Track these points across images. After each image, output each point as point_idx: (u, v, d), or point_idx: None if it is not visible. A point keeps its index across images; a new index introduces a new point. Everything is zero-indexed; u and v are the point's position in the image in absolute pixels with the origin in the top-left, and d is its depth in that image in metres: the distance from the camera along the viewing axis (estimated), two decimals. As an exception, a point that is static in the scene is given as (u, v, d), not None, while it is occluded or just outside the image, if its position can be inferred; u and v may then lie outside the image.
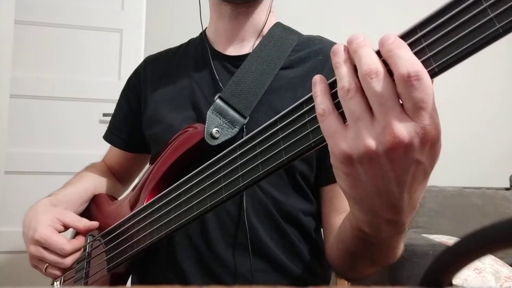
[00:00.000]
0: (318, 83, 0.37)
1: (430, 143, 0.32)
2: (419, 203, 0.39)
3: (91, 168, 0.87)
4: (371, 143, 0.33)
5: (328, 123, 0.36)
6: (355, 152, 0.34)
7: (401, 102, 0.32)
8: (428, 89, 0.31)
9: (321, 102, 0.36)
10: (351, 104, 0.34)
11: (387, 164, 0.33)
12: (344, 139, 0.34)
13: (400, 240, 0.46)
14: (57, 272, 0.65)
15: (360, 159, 0.34)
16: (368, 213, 0.39)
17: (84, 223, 0.68)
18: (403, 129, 0.31)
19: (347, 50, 0.35)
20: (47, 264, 0.64)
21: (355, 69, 0.34)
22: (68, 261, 0.64)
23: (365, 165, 0.34)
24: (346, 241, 0.50)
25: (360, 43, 0.34)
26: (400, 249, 0.49)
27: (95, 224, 0.68)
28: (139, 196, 0.68)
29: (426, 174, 0.35)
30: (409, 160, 0.33)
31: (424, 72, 0.31)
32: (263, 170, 0.43)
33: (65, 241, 0.64)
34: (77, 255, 0.66)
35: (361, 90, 0.34)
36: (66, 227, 0.68)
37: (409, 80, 0.31)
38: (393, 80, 0.32)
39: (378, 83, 0.32)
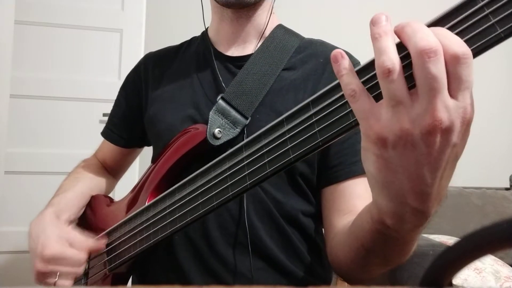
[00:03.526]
0: (341, 59, 0.34)
1: (467, 123, 0.32)
2: (445, 194, 0.36)
3: (85, 167, 0.87)
4: (409, 126, 0.31)
5: (361, 105, 0.33)
6: (390, 134, 0.32)
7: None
8: (472, 69, 0.30)
9: (349, 81, 0.34)
10: (392, 87, 0.31)
11: (424, 148, 0.31)
12: (379, 121, 0.32)
13: (418, 234, 0.43)
14: (69, 282, 0.63)
15: (395, 142, 0.32)
16: (394, 200, 0.36)
17: (91, 245, 0.65)
18: (445, 112, 0.30)
19: (390, 20, 0.32)
20: (58, 276, 0.62)
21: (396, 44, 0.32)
22: (82, 269, 0.63)
23: (400, 148, 0.32)
24: (362, 236, 0.47)
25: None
26: (414, 247, 0.47)
27: (102, 246, 0.66)
28: (140, 196, 0.68)
29: (457, 158, 0.34)
30: (447, 143, 0.31)
31: (470, 52, 0.31)
32: (270, 169, 0.44)
33: (78, 253, 0.62)
34: (86, 260, 0.65)
35: (403, 70, 0.31)
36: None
37: (464, 58, 0.30)
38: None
39: (435, 64, 0.30)
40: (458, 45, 0.30)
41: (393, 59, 0.31)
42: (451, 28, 0.32)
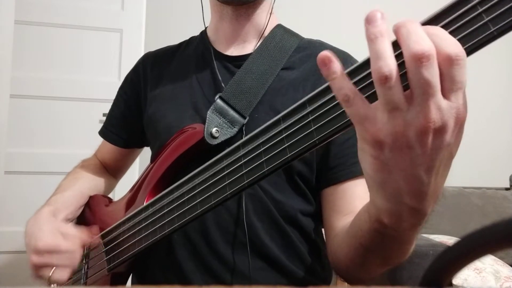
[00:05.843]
0: (328, 62, 0.33)
1: (461, 123, 0.32)
2: (441, 193, 0.37)
3: (85, 167, 0.86)
4: (405, 128, 0.31)
5: (355, 109, 0.33)
6: (387, 138, 0.32)
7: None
8: (465, 69, 0.30)
9: (341, 86, 0.33)
10: (390, 93, 0.31)
11: (419, 148, 0.32)
12: (374, 124, 0.32)
13: (416, 234, 0.43)
14: (65, 275, 0.63)
15: (392, 145, 0.32)
16: (391, 200, 0.37)
17: (85, 238, 0.66)
18: (438, 113, 0.30)
19: (386, 18, 0.31)
20: (53, 269, 0.62)
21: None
22: (77, 261, 0.63)
23: (396, 150, 0.32)
24: (360, 235, 0.47)
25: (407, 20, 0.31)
26: (413, 247, 0.47)
27: (96, 239, 0.66)
28: (138, 196, 0.68)
29: (452, 157, 0.34)
30: (441, 143, 0.31)
31: (464, 52, 0.30)
32: (267, 168, 0.44)
33: (72, 245, 0.63)
34: (80, 252, 0.65)
35: (400, 75, 0.31)
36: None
37: (456, 60, 0.30)
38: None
39: (428, 69, 0.29)
40: (451, 46, 0.30)
41: (390, 65, 0.30)
42: (444, 27, 0.32)
